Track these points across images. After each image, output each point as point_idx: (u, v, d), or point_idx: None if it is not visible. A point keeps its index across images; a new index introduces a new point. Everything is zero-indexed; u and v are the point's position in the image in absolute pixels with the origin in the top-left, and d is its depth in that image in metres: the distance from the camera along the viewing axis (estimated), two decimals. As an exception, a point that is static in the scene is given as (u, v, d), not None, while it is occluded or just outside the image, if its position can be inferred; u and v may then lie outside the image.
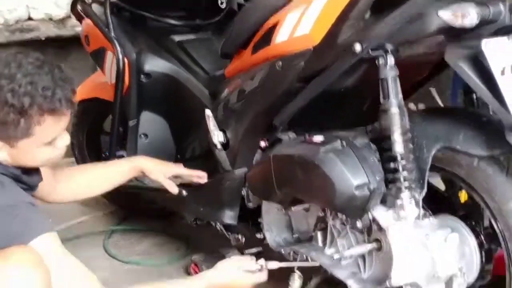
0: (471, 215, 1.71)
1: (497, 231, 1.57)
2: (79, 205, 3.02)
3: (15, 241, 1.52)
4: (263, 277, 1.88)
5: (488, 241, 1.67)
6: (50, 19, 3.65)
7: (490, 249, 1.68)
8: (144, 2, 2.46)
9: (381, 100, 1.59)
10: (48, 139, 1.61)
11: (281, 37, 1.78)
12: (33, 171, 1.74)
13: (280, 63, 1.77)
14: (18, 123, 1.55)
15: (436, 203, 1.75)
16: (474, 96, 1.77)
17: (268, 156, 1.79)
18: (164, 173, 2.13)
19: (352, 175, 1.56)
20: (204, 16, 2.55)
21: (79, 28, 3.11)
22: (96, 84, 2.79)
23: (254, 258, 1.90)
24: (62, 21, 3.61)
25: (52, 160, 1.69)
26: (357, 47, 1.55)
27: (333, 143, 1.61)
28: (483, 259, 1.67)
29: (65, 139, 1.67)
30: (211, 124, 2.01)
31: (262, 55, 1.87)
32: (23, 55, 1.59)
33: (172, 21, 2.50)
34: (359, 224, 1.67)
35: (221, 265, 1.86)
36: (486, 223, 1.68)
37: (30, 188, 1.74)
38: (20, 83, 1.54)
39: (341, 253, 1.72)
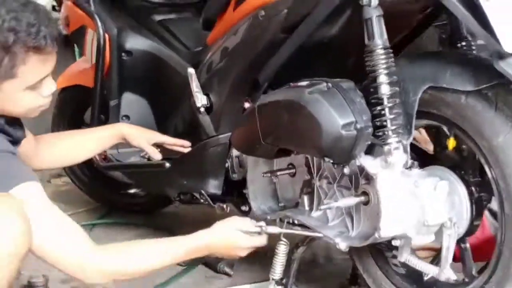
0: (460, 164, 1.68)
1: (490, 177, 1.53)
2: (59, 202, 2.97)
3: None
4: (262, 241, 1.74)
5: (478, 190, 1.63)
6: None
7: (481, 199, 1.64)
8: (125, -20, 2.44)
9: (366, 41, 1.57)
10: (32, 81, 1.55)
11: (263, -17, 1.75)
12: (17, 125, 1.68)
13: (263, 12, 1.74)
14: (1, 60, 1.50)
15: (424, 160, 1.72)
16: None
17: (253, 107, 1.75)
18: (147, 139, 2.09)
19: (338, 114, 1.53)
20: (185, -5, 2.54)
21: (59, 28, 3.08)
22: (77, 71, 2.76)
23: (253, 220, 1.78)
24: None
25: (36, 109, 1.63)
26: (341, -15, 1.53)
27: (319, 85, 1.58)
28: (473, 210, 1.63)
29: (51, 86, 1.61)
30: (194, 85, 1.98)
31: (245, 8, 1.84)
32: None
33: (153, 0, 2.48)
34: (346, 170, 1.62)
35: (219, 224, 1.73)
36: (475, 172, 1.65)
37: (14, 142, 1.67)
38: (4, 19, 1.49)
39: (329, 205, 1.67)
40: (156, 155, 2.09)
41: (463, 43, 1.77)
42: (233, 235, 1.71)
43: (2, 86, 1.53)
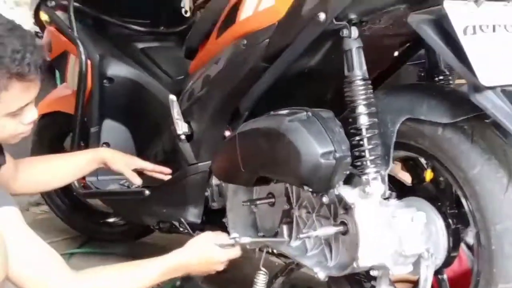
0: (438, 196, 1.69)
1: (466, 209, 1.54)
2: (38, 230, 2.94)
3: None
4: (236, 252, 1.78)
5: (455, 222, 1.64)
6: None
7: (458, 231, 1.65)
8: (108, 7, 2.47)
9: (346, 72, 1.59)
10: (14, 108, 1.54)
11: (246, 12, 1.77)
12: None
13: (245, 41, 1.76)
14: None
15: (402, 192, 1.73)
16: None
17: (233, 135, 1.75)
18: (127, 164, 2.08)
19: (317, 143, 1.54)
20: (168, 24, 2.57)
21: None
22: (57, 97, 2.76)
23: (225, 234, 1.82)
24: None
25: (16, 136, 1.62)
26: (322, 16, 1.55)
27: (298, 114, 1.59)
28: (450, 241, 1.64)
29: (32, 114, 1.61)
30: (175, 112, 1.99)
31: (227, 37, 1.86)
32: None
33: (136, 28, 2.50)
34: (325, 200, 1.63)
35: (192, 241, 1.75)
36: (452, 204, 1.66)
37: None
38: None
39: (307, 234, 1.67)
40: (136, 180, 2.09)
41: (441, 77, 1.80)
42: (208, 250, 1.74)
43: None
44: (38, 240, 1.55)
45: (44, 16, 2.64)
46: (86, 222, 2.95)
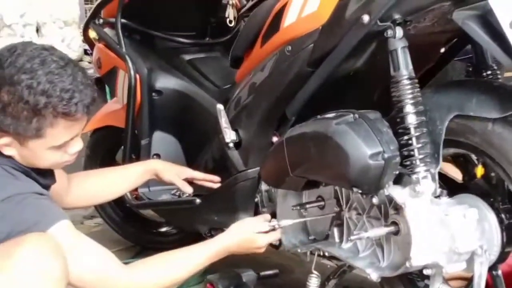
0: (489, 192, 1.68)
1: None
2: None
3: (31, 229, 1.51)
4: (277, 236, 1.87)
5: (509, 217, 1.63)
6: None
7: (511, 226, 1.64)
8: (154, 22, 2.51)
9: (392, 72, 1.60)
10: (58, 142, 1.59)
11: (289, 19, 1.79)
12: (46, 172, 1.73)
13: (290, 47, 1.78)
14: (30, 122, 1.52)
15: (452, 189, 1.72)
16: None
17: (281, 140, 1.77)
18: (177, 174, 2.12)
19: (365, 144, 1.54)
20: (213, 35, 2.61)
21: (91, 71, 3.17)
22: (108, 112, 2.82)
23: (267, 217, 1.90)
24: (75, 63, 3.68)
25: (61, 165, 1.68)
26: (365, 18, 1.56)
27: (345, 116, 1.61)
28: (504, 237, 1.62)
29: (77, 145, 1.65)
30: (223, 120, 2.02)
31: (272, 44, 1.88)
32: (48, 52, 1.56)
33: (182, 40, 2.55)
34: (375, 200, 1.63)
35: (234, 227, 1.85)
36: (505, 199, 1.65)
37: (43, 187, 1.72)
38: (40, 81, 1.51)
39: (359, 236, 1.67)
40: (187, 189, 2.13)
41: (489, 72, 1.79)
42: (249, 236, 1.83)
43: (28, 144, 1.57)
44: (92, 243, 1.63)
45: (92, 34, 2.71)
46: (140, 233, 3.00)
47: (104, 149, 2.93)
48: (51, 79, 1.52)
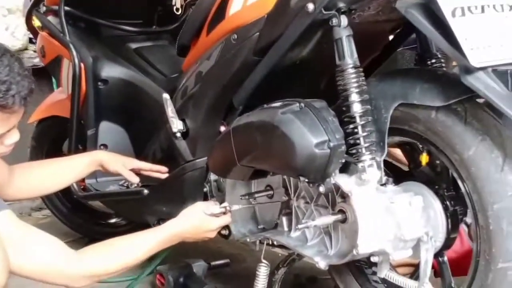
0: (434, 179, 1.70)
1: (463, 191, 1.55)
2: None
3: None
4: (227, 219, 1.88)
5: (453, 204, 1.65)
6: (7, 50, 3.63)
7: (456, 213, 1.66)
8: (99, 9, 2.46)
9: (337, 61, 1.59)
10: None
11: (234, 7, 1.78)
12: None
13: (235, 36, 1.77)
14: None
15: (398, 177, 1.74)
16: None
17: (228, 130, 1.76)
18: (124, 165, 2.09)
19: (311, 133, 1.54)
20: (160, 23, 2.57)
21: (36, 60, 3.09)
22: (53, 102, 2.76)
23: (217, 203, 1.90)
24: (19, 52, 3.58)
25: None
26: (310, 7, 1.56)
27: (291, 105, 1.60)
28: (449, 223, 1.65)
29: (14, 137, 1.62)
30: (169, 110, 1.99)
31: (218, 33, 1.86)
32: None
33: (128, 28, 2.51)
34: (322, 189, 1.63)
35: (184, 211, 1.85)
36: (449, 187, 1.67)
37: None
38: None
39: (307, 224, 1.67)
40: (133, 179, 2.10)
41: (433, 61, 1.80)
42: (200, 219, 1.83)
43: None
44: (36, 230, 1.60)
45: (36, 22, 2.64)
46: (88, 224, 2.96)
47: (50, 140, 2.87)
48: None
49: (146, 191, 2.17)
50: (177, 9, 2.51)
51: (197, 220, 1.83)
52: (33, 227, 1.62)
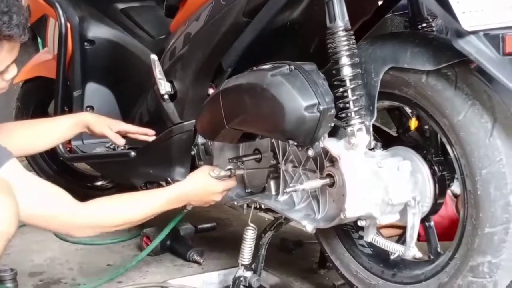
0: (423, 144, 1.70)
1: (452, 155, 1.55)
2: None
3: None
4: (232, 183, 1.90)
5: (441, 169, 1.65)
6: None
7: (444, 178, 1.66)
8: (87, -33, 2.42)
9: (328, 23, 1.57)
10: (1, 68, 1.58)
11: (224, -33, 1.75)
12: None
13: (225, -4, 1.74)
14: None
15: (387, 142, 1.73)
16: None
17: (217, 92, 1.74)
18: (110, 126, 2.07)
19: (301, 96, 1.53)
20: (148, -17, 2.53)
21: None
22: (39, 62, 2.73)
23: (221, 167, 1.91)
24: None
25: None
26: (300, -33, 1.53)
27: (281, 68, 1.58)
28: (437, 189, 1.65)
29: (14, 70, 1.64)
30: (157, 71, 1.97)
31: (207, -8, 1.83)
32: None
33: None
34: (311, 153, 1.63)
35: (191, 174, 1.89)
36: (438, 152, 1.67)
37: None
38: None
39: (294, 187, 1.67)
40: (119, 141, 2.09)
41: (424, 25, 1.78)
42: (206, 181, 1.86)
43: None
44: (41, 180, 1.64)
45: (20, -20, 2.59)
46: (74, 186, 2.91)
47: (36, 101, 2.85)
48: None
49: (133, 153, 2.16)
50: (165, -31, 2.46)
51: (204, 182, 1.85)
52: (37, 177, 1.66)
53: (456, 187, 1.74)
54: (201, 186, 1.85)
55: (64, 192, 1.64)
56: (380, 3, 1.87)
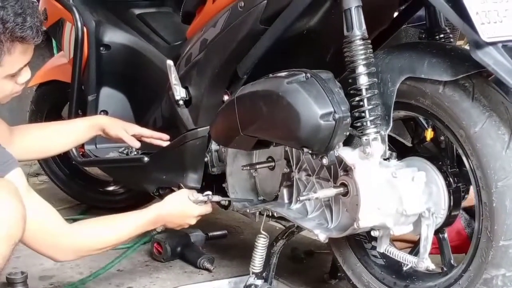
0: (438, 155, 1.69)
1: (467, 167, 1.54)
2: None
3: None
4: (207, 209, 1.94)
5: (456, 181, 1.64)
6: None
7: (459, 189, 1.65)
8: (104, -26, 2.43)
9: (345, 32, 1.57)
10: (14, 70, 1.58)
11: (242, -26, 1.75)
12: None
13: (242, 3, 1.74)
14: None
15: (402, 152, 1.72)
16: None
17: (232, 99, 1.74)
18: (125, 129, 2.08)
19: (316, 104, 1.53)
20: (164, -11, 2.54)
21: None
22: (54, 66, 2.74)
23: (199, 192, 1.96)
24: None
25: (10, 96, 1.66)
26: (320, -24, 1.53)
27: (297, 75, 1.58)
28: (451, 200, 1.64)
29: (27, 74, 1.65)
30: (173, 77, 1.97)
31: (224, 0, 1.83)
32: None
33: None
34: (325, 161, 1.62)
35: (168, 197, 1.93)
36: (453, 163, 1.66)
37: None
38: None
39: (308, 196, 1.66)
40: (135, 143, 2.09)
41: (442, 35, 1.78)
42: (185, 205, 1.90)
43: None
44: (37, 197, 1.63)
45: (39, -16, 2.61)
46: (86, 191, 2.95)
47: (50, 105, 2.85)
48: (3, 5, 1.51)
49: (146, 159, 2.16)
50: (182, -24, 2.47)
51: (181, 205, 1.90)
52: (35, 193, 1.65)
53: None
54: (179, 209, 1.90)
55: (55, 212, 1.67)
56: (397, 13, 1.87)
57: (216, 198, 1.96)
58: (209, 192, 1.93)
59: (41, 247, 1.65)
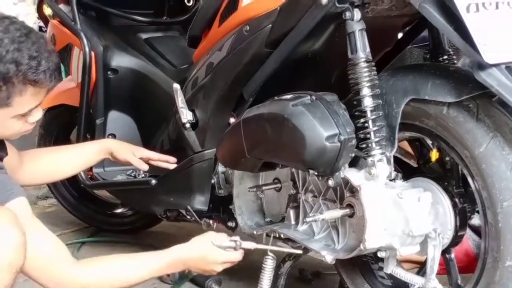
0: (444, 176, 1.69)
1: (473, 187, 1.55)
2: (46, 224, 2.95)
3: None
4: (237, 256, 1.75)
5: (462, 201, 1.65)
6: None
7: (464, 210, 1.66)
8: (111, -1, 2.47)
9: (349, 55, 1.59)
10: (24, 110, 1.57)
11: (247, -1, 1.78)
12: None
13: (248, 27, 1.77)
14: None
15: (408, 173, 1.73)
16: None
17: (238, 121, 1.76)
18: (133, 153, 2.09)
19: (322, 126, 1.54)
20: (171, 14, 2.57)
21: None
22: (62, 90, 2.75)
23: (229, 236, 1.78)
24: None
25: (20, 134, 1.66)
26: (324, 0, 1.55)
27: (302, 98, 1.60)
28: (458, 220, 1.64)
29: (38, 114, 1.64)
30: (180, 100, 1.99)
31: (230, 24, 1.86)
32: (9, 21, 1.55)
33: (139, 18, 2.51)
34: (331, 183, 1.63)
35: (194, 239, 1.75)
36: (459, 184, 1.67)
37: None
38: (8, 49, 1.49)
39: (314, 217, 1.67)
40: (143, 166, 2.10)
41: (445, 57, 1.80)
42: (209, 250, 1.72)
43: None
44: (44, 229, 1.59)
45: (47, 10, 2.65)
46: (94, 214, 2.96)
47: (58, 128, 2.87)
48: (18, 47, 1.51)
49: (153, 181, 2.18)
50: (188, 0, 2.51)
51: (207, 250, 1.72)
52: (43, 225, 1.60)
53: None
54: (203, 253, 1.71)
55: (64, 249, 1.60)
56: (400, 35, 1.89)
57: (246, 244, 1.75)
58: (236, 238, 1.74)
59: (47, 283, 1.57)
